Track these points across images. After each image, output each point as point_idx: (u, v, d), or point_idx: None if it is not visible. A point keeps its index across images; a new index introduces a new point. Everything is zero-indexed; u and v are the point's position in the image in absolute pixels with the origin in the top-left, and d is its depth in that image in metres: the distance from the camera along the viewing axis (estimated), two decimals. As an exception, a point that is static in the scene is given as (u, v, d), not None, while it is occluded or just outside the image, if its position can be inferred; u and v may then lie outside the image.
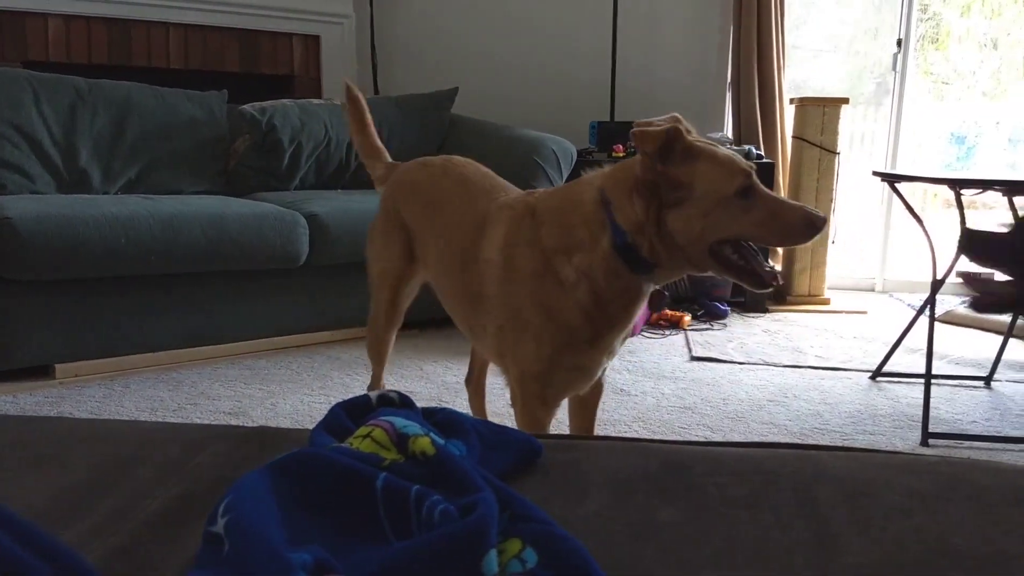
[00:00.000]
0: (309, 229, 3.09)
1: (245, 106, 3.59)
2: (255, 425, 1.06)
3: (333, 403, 0.94)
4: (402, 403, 0.93)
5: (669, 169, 1.37)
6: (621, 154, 4.02)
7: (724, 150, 1.45)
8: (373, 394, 0.93)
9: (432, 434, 0.84)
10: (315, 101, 3.84)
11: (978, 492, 0.91)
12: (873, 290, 4.62)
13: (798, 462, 0.99)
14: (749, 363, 3.09)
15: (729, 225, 1.38)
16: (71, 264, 2.65)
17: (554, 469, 0.92)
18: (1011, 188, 2.46)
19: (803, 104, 4.11)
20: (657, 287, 1.55)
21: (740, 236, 1.41)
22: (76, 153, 3.23)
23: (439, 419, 0.92)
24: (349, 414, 0.90)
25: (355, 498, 0.75)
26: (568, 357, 1.54)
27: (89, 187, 3.24)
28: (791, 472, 0.96)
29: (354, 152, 3.74)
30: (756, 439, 2.34)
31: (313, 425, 0.93)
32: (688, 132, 1.43)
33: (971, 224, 1.97)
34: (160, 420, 2.38)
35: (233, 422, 2.38)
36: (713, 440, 2.31)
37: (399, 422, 0.85)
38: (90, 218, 2.69)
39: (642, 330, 3.57)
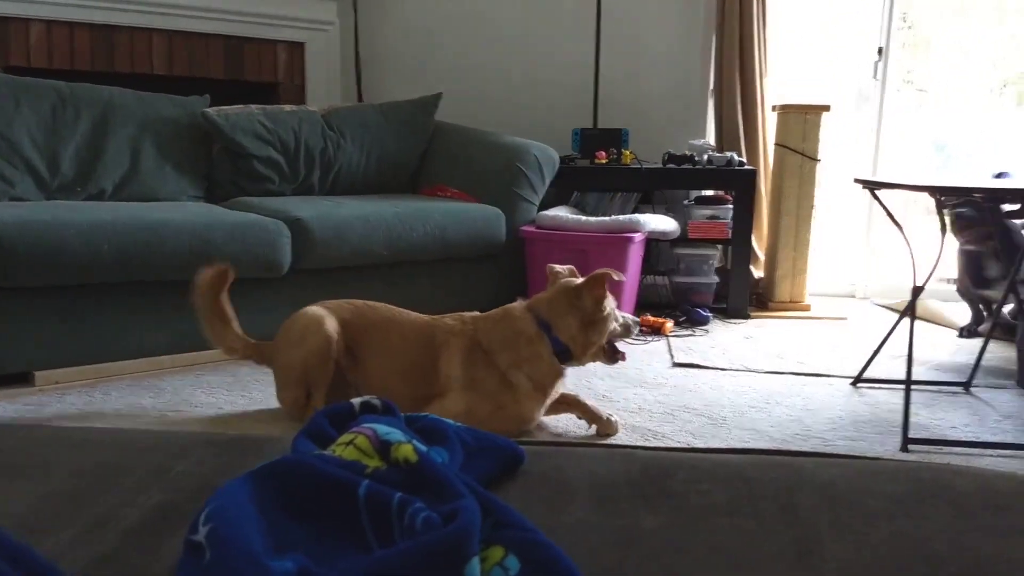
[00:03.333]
0: (293, 235, 3.08)
1: (210, 110, 3.57)
2: (237, 433, 1.06)
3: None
4: (385, 410, 0.93)
5: (599, 299, 2.23)
6: (604, 161, 4.03)
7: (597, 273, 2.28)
8: (356, 401, 0.93)
9: (415, 441, 0.84)
10: (286, 108, 3.81)
11: (957, 497, 0.92)
12: (854, 296, 4.65)
13: (780, 468, 1.00)
14: (731, 369, 3.10)
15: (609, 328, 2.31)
16: (52, 271, 2.62)
17: (537, 476, 0.92)
18: (991, 196, 2.48)
19: (785, 111, 4.14)
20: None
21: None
22: (58, 157, 3.20)
23: (422, 425, 0.92)
24: (331, 421, 0.90)
25: (337, 505, 0.75)
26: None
27: (71, 192, 3.22)
28: (773, 478, 0.97)
29: (326, 156, 3.74)
30: (738, 445, 2.35)
31: (296, 432, 0.92)
32: (597, 275, 2.26)
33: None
34: (142, 428, 2.37)
35: (216, 430, 2.37)
36: (695, 447, 2.32)
37: (382, 429, 0.85)
38: (72, 224, 2.67)
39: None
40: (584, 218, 3.62)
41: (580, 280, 2.27)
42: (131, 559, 0.73)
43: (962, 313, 3.86)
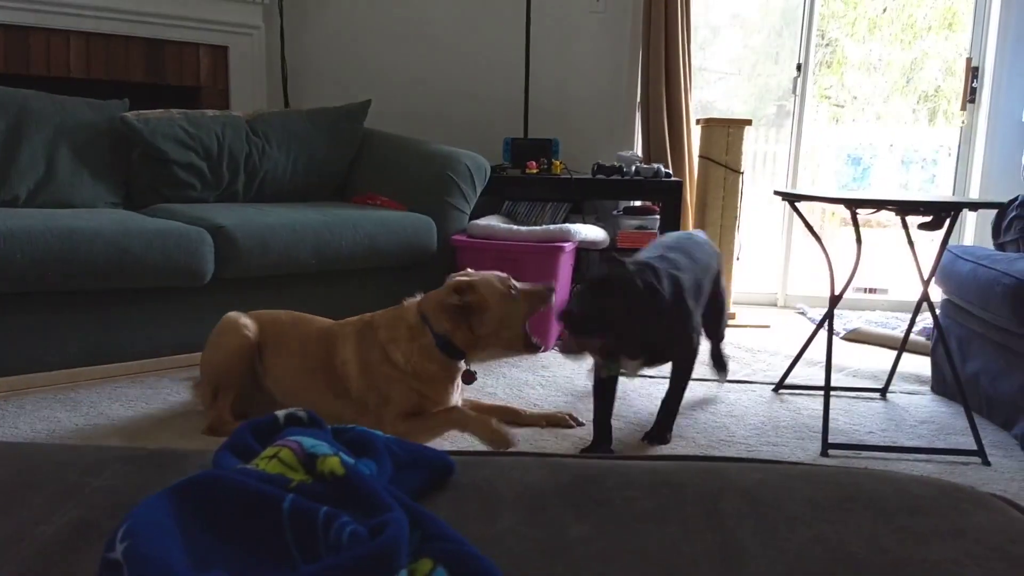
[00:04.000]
0: (216, 243, 3.01)
1: (128, 114, 3.47)
2: (156, 447, 1.03)
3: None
4: (310, 422, 0.91)
5: (469, 301, 2.32)
6: (534, 170, 4.06)
7: (490, 275, 2.41)
8: (280, 413, 0.92)
9: (341, 454, 0.82)
10: (209, 112, 3.72)
11: (875, 501, 0.95)
12: (776, 305, 4.77)
13: (705, 474, 1.01)
14: (657, 376, 3.14)
15: (512, 317, 2.36)
16: (-41, 279, 2.52)
17: (467, 486, 0.92)
18: (903, 207, 2.57)
19: (709, 124, 4.23)
20: (470, 368, 2.44)
21: (520, 321, 2.37)
22: (-32, 163, 3.08)
23: (349, 437, 0.90)
24: (255, 434, 0.88)
25: (261, 521, 0.73)
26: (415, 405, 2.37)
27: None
28: (698, 484, 0.98)
29: (251, 163, 3.68)
30: (664, 451, 2.38)
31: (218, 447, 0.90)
32: (470, 280, 2.37)
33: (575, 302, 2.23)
34: (57, 442, 2.28)
35: (134, 443, 2.30)
36: (625, 454, 2.34)
37: (307, 442, 0.83)
38: (-18, 231, 2.57)
39: (555, 345, 3.60)
40: (516, 227, 3.63)
41: (463, 281, 2.39)
42: (42, 580, 0.70)
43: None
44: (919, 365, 3.34)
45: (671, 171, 4.27)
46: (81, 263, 2.72)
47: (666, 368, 2.55)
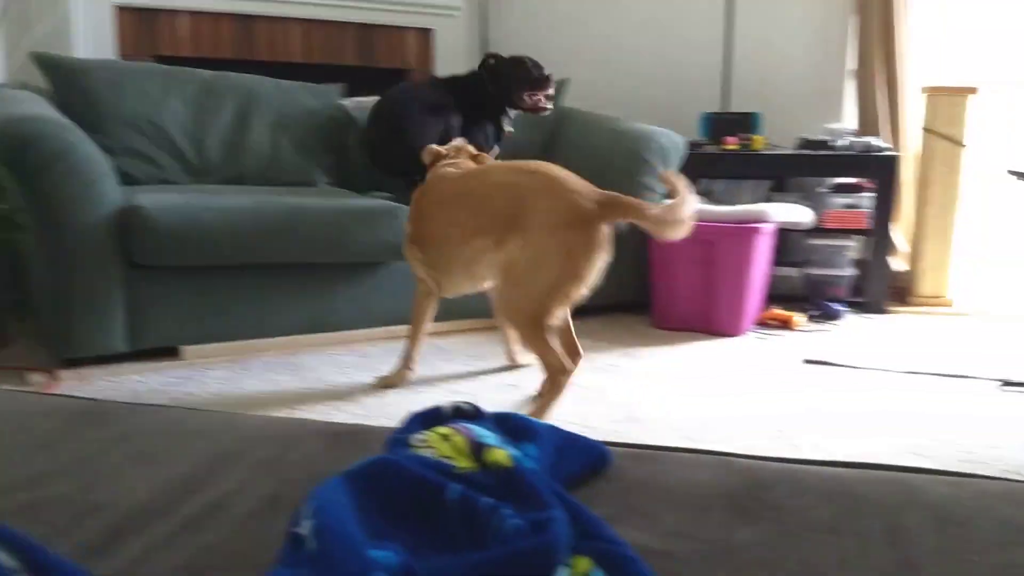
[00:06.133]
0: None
1: (346, 101, 3.70)
2: (349, 423, 1.11)
3: (440, 396, 0.98)
4: (475, 414, 0.95)
5: None
6: (733, 146, 3.93)
7: None
8: (447, 406, 0.96)
9: (508, 447, 0.85)
10: None
11: (1085, 527, 0.86)
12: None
13: (888, 485, 0.96)
14: (864, 367, 2.97)
15: None
16: (197, 251, 2.79)
17: (630, 481, 0.92)
18: None
19: (934, 93, 3.90)
20: None
21: None
22: (203, 143, 3.41)
23: (511, 426, 0.93)
24: (424, 424, 0.93)
25: (429, 507, 0.77)
26: None
27: (216, 176, 3.41)
28: (880, 496, 0.93)
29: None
30: (866, 448, 2.25)
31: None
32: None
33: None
34: (279, 403, 2.49)
35: (344, 408, 2.47)
36: (799, 458, 2.24)
37: (478, 431, 0.87)
38: (216, 208, 2.84)
39: (749, 330, 3.49)
40: (710, 207, 3.54)
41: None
42: (236, 548, 0.78)
43: None
44: None
45: (887, 145, 3.99)
46: (303, 238, 2.94)
47: (878, 359, 2.39)
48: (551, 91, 3.36)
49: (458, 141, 2.84)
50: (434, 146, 2.76)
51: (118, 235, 2.71)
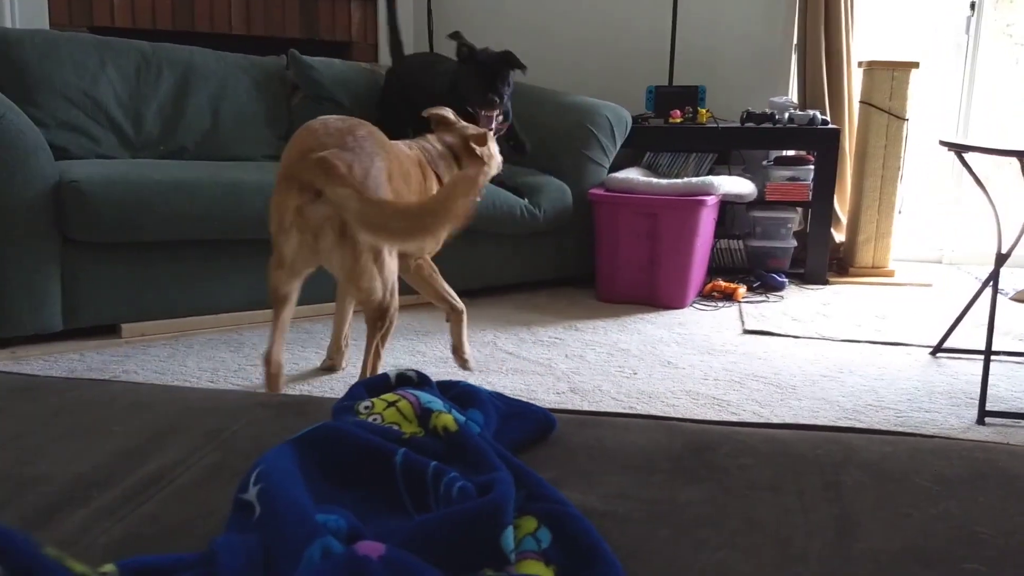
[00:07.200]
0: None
1: (302, 56, 3.67)
2: (293, 394, 1.10)
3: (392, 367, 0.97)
4: (420, 381, 0.95)
5: None
6: (679, 120, 3.95)
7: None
8: (391, 372, 0.96)
9: (454, 411, 0.86)
10: (363, 65, 3.93)
11: (1010, 479, 0.90)
12: (940, 262, 4.49)
13: (827, 445, 0.98)
14: (804, 337, 3.04)
15: None
16: (134, 226, 2.73)
17: (576, 445, 0.93)
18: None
19: (871, 68, 3.98)
20: None
21: None
22: (141, 116, 3.31)
23: (456, 392, 0.94)
24: (369, 392, 0.93)
25: (375, 472, 0.77)
26: None
27: (153, 150, 3.32)
28: (819, 455, 0.96)
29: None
30: (807, 414, 2.31)
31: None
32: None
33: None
34: (221, 379, 2.46)
35: (290, 384, 2.45)
36: (743, 420, 2.30)
37: (424, 397, 0.87)
38: (154, 182, 2.77)
39: (693, 302, 3.54)
40: (654, 180, 3.57)
41: None
42: (178, 516, 0.77)
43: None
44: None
45: (828, 118, 4.05)
46: (243, 213, 2.89)
47: (818, 328, 2.46)
48: (494, 114, 3.22)
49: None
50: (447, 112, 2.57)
51: (52, 211, 2.64)
